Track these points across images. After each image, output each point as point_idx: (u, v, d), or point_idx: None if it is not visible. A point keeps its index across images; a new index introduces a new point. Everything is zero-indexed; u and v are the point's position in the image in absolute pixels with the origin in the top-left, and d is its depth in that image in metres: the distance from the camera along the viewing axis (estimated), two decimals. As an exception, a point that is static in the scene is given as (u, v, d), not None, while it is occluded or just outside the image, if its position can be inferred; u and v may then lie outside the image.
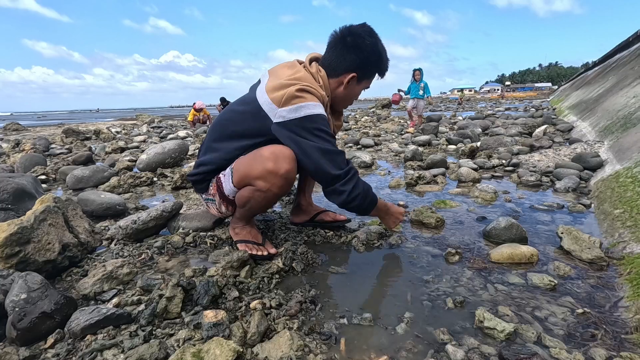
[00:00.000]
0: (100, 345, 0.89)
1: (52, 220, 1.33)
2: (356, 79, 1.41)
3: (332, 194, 1.32)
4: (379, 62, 1.42)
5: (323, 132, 1.27)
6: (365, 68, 1.41)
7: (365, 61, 1.39)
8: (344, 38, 1.36)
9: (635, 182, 1.84)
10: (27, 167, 3.36)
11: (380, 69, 1.44)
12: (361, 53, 1.36)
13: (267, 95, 1.28)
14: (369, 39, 1.36)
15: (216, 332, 0.92)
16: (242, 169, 1.31)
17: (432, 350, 0.88)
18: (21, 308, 0.94)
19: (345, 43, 1.36)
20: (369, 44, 1.36)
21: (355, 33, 1.35)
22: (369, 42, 1.36)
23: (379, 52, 1.40)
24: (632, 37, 9.71)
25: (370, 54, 1.38)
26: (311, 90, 1.29)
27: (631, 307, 1.00)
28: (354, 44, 1.35)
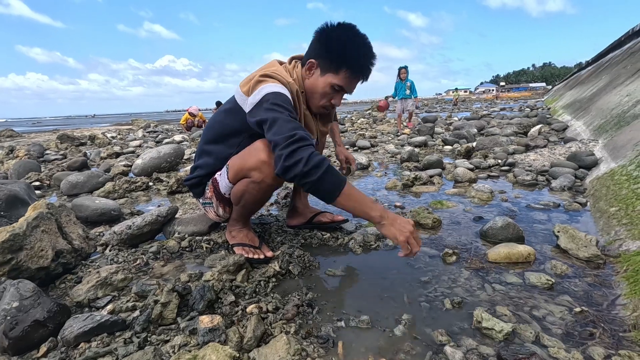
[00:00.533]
0: (94, 353, 0.87)
1: (45, 226, 1.31)
2: (316, 66, 1.32)
3: (275, 164, 1.12)
4: (343, 53, 1.26)
5: (277, 106, 1.18)
6: (326, 57, 1.29)
7: (326, 49, 1.28)
8: (318, 31, 1.33)
9: (630, 180, 1.85)
10: (21, 174, 3.33)
11: (345, 61, 1.27)
12: (325, 41, 1.29)
13: (240, 90, 1.34)
14: (336, 31, 1.28)
15: (212, 338, 0.90)
16: (237, 163, 1.32)
17: (431, 352, 0.87)
18: (13, 316, 0.92)
19: (318, 35, 1.33)
20: (334, 35, 1.28)
21: (329, 26, 1.30)
22: (336, 33, 1.28)
23: (343, 43, 1.26)
24: (624, 37, 9.81)
25: (333, 42, 1.27)
26: (273, 75, 1.27)
27: (629, 305, 1.00)
28: (322, 35, 1.30)
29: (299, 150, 1.06)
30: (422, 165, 3.13)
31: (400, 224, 1.07)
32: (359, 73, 1.31)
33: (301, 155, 1.06)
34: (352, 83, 1.33)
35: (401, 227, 1.07)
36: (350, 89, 1.34)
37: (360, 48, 1.28)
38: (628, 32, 9.52)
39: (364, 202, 1.09)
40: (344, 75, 1.29)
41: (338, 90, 1.33)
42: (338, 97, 1.36)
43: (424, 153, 4.00)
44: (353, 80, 1.32)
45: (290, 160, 1.06)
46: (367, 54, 1.30)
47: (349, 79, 1.30)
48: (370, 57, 1.31)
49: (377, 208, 1.10)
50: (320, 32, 1.30)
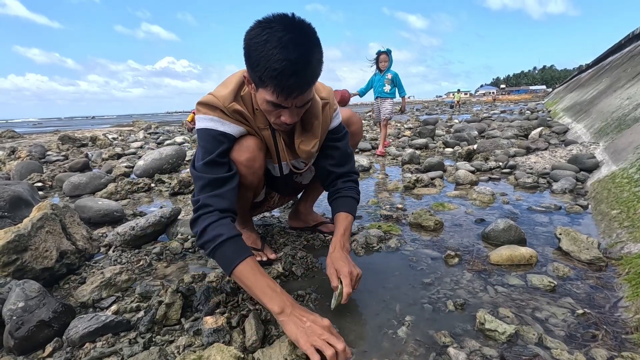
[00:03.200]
0: (100, 353, 0.88)
1: (49, 227, 1.32)
2: (249, 81, 1.04)
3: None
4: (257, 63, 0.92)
5: (201, 147, 1.12)
6: (248, 68, 0.99)
7: (245, 58, 0.99)
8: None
9: (631, 182, 1.85)
10: (23, 175, 3.34)
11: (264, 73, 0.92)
12: (244, 48, 0.98)
13: None
14: (250, 33, 0.95)
15: (216, 338, 0.91)
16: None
17: (434, 353, 0.88)
18: (19, 317, 0.93)
19: None
20: (248, 39, 0.96)
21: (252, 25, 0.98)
22: (249, 36, 0.95)
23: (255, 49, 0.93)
24: (624, 40, 9.84)
25: (247, 49, 0.96)
26: (206, 101, 1.11)
27: (631, 307, 1.01)
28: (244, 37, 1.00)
29: (198, 220, 1.01)
30: (423, 168, 3.14)
31: (308, 323, 0.86)
32: (284, 89, 0.93)
33: (197, 227, 1.01)
34: (286, 100, 0.96)
35: (308, 329, 0.85)
36: (289, 104, 0.99)
37: (274, 52, 0.89)
38: (628, 35, 9.55)
39: (261, 288, 0.91)
40: (270, 90, 0.95)
41: (276, 107, 1.01)
42: (286, 114, 1.03)
43: (425, 155, 4.01)
44: (283, 96, 0.95)
45: (192, 228, 1.04)
46: (287, 60, 0.89)
47: (277, 95, 0.95)
48: (294, 63, 0.89)
49: (278, 299, 0.89)
50: (244, 37, 0.98)
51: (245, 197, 1.36)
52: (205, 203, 1.03)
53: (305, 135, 1.22)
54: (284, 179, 1.38)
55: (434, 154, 4.13)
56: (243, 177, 1.20)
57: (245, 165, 1.18)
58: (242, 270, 0.94)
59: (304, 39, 0.92)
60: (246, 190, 1.30)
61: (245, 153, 1.17)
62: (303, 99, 1.00)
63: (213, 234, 0.98)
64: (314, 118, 1.22)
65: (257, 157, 1.19)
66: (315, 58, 0.95)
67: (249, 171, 1.20)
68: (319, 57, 0.97)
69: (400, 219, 1.91)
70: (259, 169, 1.23)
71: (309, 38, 0.93)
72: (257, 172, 1.23)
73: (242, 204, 1.40)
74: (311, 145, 1.23)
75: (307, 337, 0.83)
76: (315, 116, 1.22)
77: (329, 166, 1.34)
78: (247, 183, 1.24)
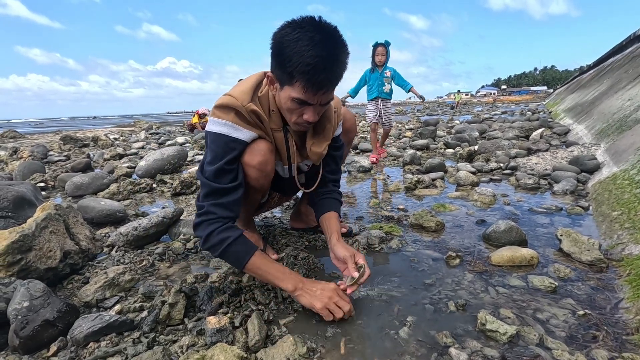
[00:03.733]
0: (104, 352, 0.89)
1: (53, 227, 1.33)
2: (273, 80, 1.09)
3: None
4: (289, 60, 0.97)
5: (211, 152, 1.13)
6: (277, 67, 1.04)
7: (275, 57, 1.04)
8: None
9: (632, 184, 1.86)
10: (26, 175, 3.35)
11: (294, 69, 0.97)
12: (273, 47, 1.04)
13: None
14: (280, 32, 1.01)
15: (220, 338, 0.92)
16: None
17: (436, 354, 0.88)
18: (24, 316, 0.94)
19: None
20: (278, 38, 1.01)
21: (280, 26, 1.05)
22: (279, 35, 1.01)
23: (287, 47, 0.97)
24: (625, 41, 9.83)
25: (278, 48, 1.01)
26: (223, 103, 1.13)
27: (631, 308, 1.01)
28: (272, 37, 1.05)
29: (201, 225, 1.09)
30: (424, 169, 3.14)
31: (319, 291, 1.05)
32: (314, 84, 0.99)
33: (201, 232, 1.09)
34: (314, 95, 1.02)
35: (320, 295, 1.03)
36: (315, 101, 1.05)
37: (306, 48, 0.95)
38: (629, 36, 9.54)
39: (274, 273, 1.07)
40: (299, 86, 1.00)
41: (301, 104, 1.05)
42: (310, 112, 1.07)
43: (426, 156, 4.02)
44: (312, 91, 1.01)
45: (195, 231, 1.12)
46: (319, 57, 0.95)
47: (305, 90, 1.01)
48: (325, 60, 0.96)
49: (290, 278, 1.07)
50: (272, 37, 1.04)
51: (254, 199, 1.40)
52: (209, 210, 1.09)
53: (316, 138, 1.27)
54: (290, 180, 1.40)
55: (435, 155, 4.13)
56: (254, 180, 1.23)
57: (258, 168, 1.20)
58: (255, 262, 1.07)
59: (333, 39, 1.00)
60: (255, 193, 1.32)
61: (258, 156, 1.19)
62: (328, 96, 1.07)
63: (219, 238, 1.07)
64: (327, 121, 1.27)
65: (268, 160, 1.22)
66: (343, 57, 1.03)
67: (260, 174, 1.22)
68: (346, 57, 1.04)
69: (401, 219, 1.91)
70: (270, 172, 1.26)
71: (338, 39, 1.01)
72: (268, 175, 1.26)
73: (249, 206, 1.44)
74: (323, 147, 1.28)
75: (320, 301, 1.02)
76: (329, 119, 1.27)
77: (325, 172, 1.41)
78: (258, 186, 1.27)
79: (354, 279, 1.08)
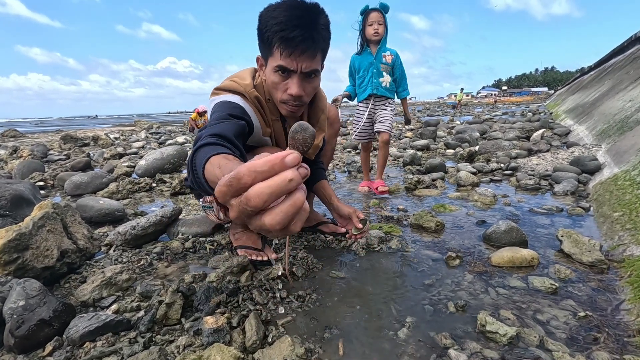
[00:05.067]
0: (100, 352, 0.88)
1: (50, 226, 1.32)
2: (261, 62, 1.14)
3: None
4: (266, 27, 1.02)
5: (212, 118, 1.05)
6: (260, 43, 1.09)
7: (258, 35, 1.08)
8: None
9: (633, 185, 1.84)
10: (25, 174, 3.35)
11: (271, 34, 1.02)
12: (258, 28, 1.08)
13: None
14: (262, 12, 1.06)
15: (217, 338, 0.91)
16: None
17: (435, 355, 0.87)
18: (19, 315, 0.93)
19: None
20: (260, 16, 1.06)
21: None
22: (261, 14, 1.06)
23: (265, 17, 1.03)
24: (627, 42, 9.82)
25: (259, 24, 1.06)
26: (225, 86, 1.16)
27: (633, 310, 1.00)
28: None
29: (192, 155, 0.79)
30: (424, 169, 3.13)
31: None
32: (289, 42, 1.01)
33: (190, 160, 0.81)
34: (293, 58, 1.03)
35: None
36: (295, 66, 1.05)
37: (281, 11, 1.01)
38: (631, 37, 9.53)
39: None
40: (277, 50, 1.03)
41: (284, 73, 1.07)
42: (292, 83, 1.08)
43: (426, 156, 4.01)
44: (291, 54, 1.03)
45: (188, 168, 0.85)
46: (291, 14, 0.99)
47: (286, 55, 1.03)
48: (296, 16, 1.00)
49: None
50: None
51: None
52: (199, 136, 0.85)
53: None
54: None
55: (436, 155, 4.12)
56: None
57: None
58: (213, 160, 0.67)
59: (308, 4, 1.02)
60: None
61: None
62: (309, 63, 1.06)
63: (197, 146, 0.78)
64: (320, 112, 1.30)
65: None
66: (321, 21, 1.03)
67: None
68: (325, 22, 1.05)
69: (401, 220, 1.90)
70: None
71: (315, 6, 1.03)
72: None
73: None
74: (318, 138, 1.33)
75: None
76: (322, 110, 1.30)
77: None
78: None
79: (358, 229, 1.29)
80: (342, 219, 1.40)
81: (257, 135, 1.22)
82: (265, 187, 0.38)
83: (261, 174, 0.39)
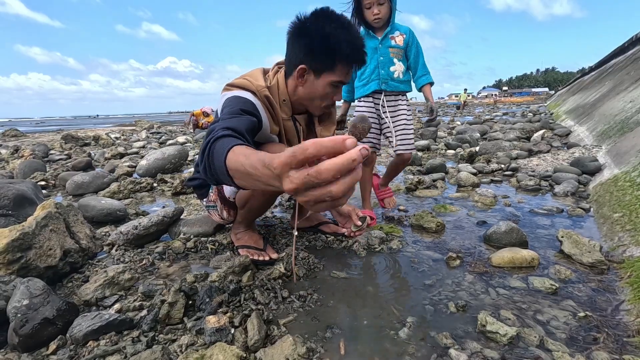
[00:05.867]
0: (103, 351, 0.89)
1: (53, 226, 1.33)
2: (307, 71, 1.21)
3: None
4: (332, 49, 1.15)
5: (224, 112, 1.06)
6: (313, 57, 1.18)
7: (310, 48, 1.16)
8: (293, 28, 1.20)
9: (633, 186, 1.85)
10: (27, 173, 3.36)
11: (337, 55, 1.16)
12: (305, 40, 1.17)
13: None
14: (312, 24, 1.16)
15: (219, 338, 0.91)
16: None
17: (435, 355, 0.88)
18: (23, 314, 0.94)
19: (293, 33, 1.21)
20: (312, 28, 1.16)
21: (300, 19, 1.18)
22: (312, 26, 1.16)
23: (326, 35, 1.14)
24: (627, 43, 9.82)
25: (313, 39, 1.15)
26: (238, 83, 1.21)
27: (632, 311, 1.01)
28: (299, 32, 1.18)
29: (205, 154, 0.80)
30: (425, 169, 3.14)
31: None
32: (354, 61, 1.22)
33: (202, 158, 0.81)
34: (349, 73, 1.24)
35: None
36: (348, 79, 1.26)
37: (345, 35, 1.15)
38: (631, 38, 9.52)
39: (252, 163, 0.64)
40: (341, 69, 1.20)
41: (337, 86, 1.25)
42: (338, 93, 1.28)
43: (427, 157, 4.01)
44: (350, 70, 1.23)
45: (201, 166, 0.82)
46: (355, 38, 1.18)
47: (345, 71, 1.22)
48: (359, 40, 1.20)
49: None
50: (298, 32, 1.18)
51: (267, 206, 1.49)
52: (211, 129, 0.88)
53: (324, 124, 1.40)
54: None
55: (436, 156, 4.13)
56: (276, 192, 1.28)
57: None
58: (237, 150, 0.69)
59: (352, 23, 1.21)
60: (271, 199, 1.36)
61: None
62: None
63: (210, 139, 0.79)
64: (332, 106, 1.38)
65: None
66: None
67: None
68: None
69: (402, 220, 1.91)
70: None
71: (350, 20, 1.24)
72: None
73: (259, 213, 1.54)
74: (331, 131, 1.41)
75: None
76: (333, 105, 1.38)
77: None
78: (276, 194, 1.33)
79: (357, 226, 1.29)
80: (341, 218, 1.44)
81: (265, 132, 1.24)
82: (334, 164, 0.46)
83: (325, 149, 0.47)
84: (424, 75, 1.88)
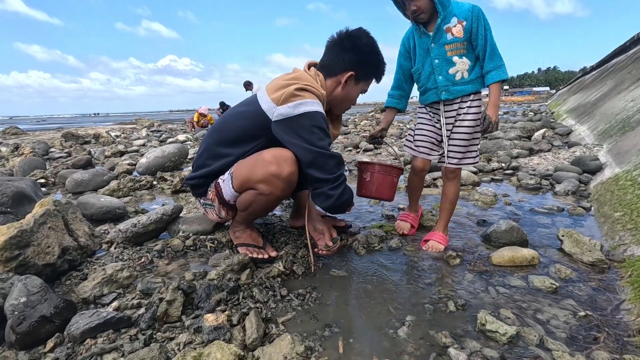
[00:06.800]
0: (100, 349, 0.88)
1: (52, 223, 1.32)
2: (354, 78, 1.40)
3: (320, 196, 1.29)
4: (377, 62, 1.43)
5: (319, 130, 1.26)
6: (363, 67, 1.41)
7: (363, 60, 1.39)
8: (342, 40, 1.38)
9: (634, 185, 1.84)
10: (26, 171, 3.36)
11: (378, 69, 1.45)
12: (359, 52, 1.38)
13: (268, 96, 1.29)
14: (366, 39, 1.39)
15: (217, 336, 0.91)
16: (244, 173, 1.30)
17: (435, 354, 0.88)
18: (20, 312, 0.93)
19: (343, 45, 1.37)
20: (366, 43, 1.38)
21: (352, 35, 1.38)
22: (367, 41, 1.39)
23: (378, 52, 1.42)
24: (629, 42, 9.79)
25: (368, 53, 1.40)
26: (309, 88, 1.29)
27: (633, 310, 1.00)
28: (351, 45, 1.37)
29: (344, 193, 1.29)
30: (425, 168, 3.13)
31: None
32: (380, 77, 1.49)
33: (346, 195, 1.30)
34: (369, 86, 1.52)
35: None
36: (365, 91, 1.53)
37: (382, 55, 1.44)
38: (633, 37, 9.49)
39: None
40: (372, 81, 1.49)
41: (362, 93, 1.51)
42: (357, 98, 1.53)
43: (427, 156, 4.00)
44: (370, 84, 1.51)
45: (341, 200, 1.28)
46: (384, 60, 1.47)
47: (370, 83, 1.49)
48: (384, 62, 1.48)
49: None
50: (353, 43, 1.37)
51: (269, 211, 1.60)
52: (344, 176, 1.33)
53: (333, 123, 1.53)
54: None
55: (436, 155, 4.11)
56: (282, 190, 1.30)
57: (287, 180, 1.28)
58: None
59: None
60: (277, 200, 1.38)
61: (287, 166, 1.25)
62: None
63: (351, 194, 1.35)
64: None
65: (296, 171, 1.28)
66: None
67: (287, 186, 1.30)
68: None
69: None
70: (295, 183, 1.32)
71: None
72: (293, 186, 1.33)
73: (262, 215, 1.63)
74: (339, 130, 1.60)
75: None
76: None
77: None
78: (284, 195, 1.35)
79: (328, 246, 1.40)
80: (316, 233, 1.52)
81: None
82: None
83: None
84: (492, 70, 1.44)
